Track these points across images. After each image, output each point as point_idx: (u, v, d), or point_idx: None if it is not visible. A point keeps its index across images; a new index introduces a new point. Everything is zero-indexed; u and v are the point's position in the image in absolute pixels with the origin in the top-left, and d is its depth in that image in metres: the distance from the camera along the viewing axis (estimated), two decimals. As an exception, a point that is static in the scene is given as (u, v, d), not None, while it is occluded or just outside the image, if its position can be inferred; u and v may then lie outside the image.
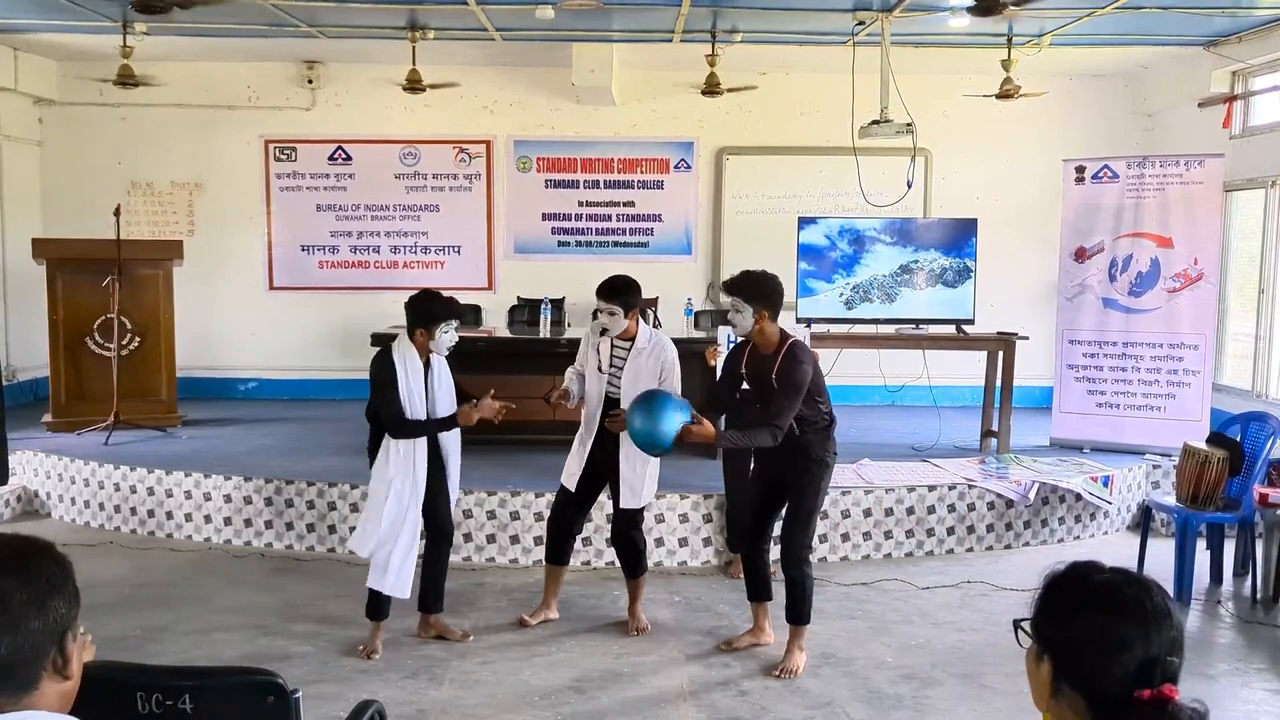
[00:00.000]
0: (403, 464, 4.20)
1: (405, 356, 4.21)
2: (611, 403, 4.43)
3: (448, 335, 4.23)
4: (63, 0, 6.55)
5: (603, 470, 4.51)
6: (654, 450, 4.07)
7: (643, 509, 4.60)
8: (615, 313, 4.36)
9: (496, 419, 4.27)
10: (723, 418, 4.57)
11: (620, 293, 4.36)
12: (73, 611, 1.40)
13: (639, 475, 4.45)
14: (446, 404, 4.30)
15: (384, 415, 4.19)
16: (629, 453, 4.38)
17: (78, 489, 6.30)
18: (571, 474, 4.55)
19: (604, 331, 4.44)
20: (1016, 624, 1.49)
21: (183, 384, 7.69)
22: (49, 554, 1.41)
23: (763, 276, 4.17)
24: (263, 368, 8.98)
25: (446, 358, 4.33)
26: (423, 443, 4.24)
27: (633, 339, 4.42)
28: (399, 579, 4.23)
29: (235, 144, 8.83)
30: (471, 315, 7.93)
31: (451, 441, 4.39)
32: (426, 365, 4.27)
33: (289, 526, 5.80)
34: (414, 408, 4.20)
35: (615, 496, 4.52)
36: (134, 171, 8.81)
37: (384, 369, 4.19)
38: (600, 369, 4.45)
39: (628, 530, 4.57)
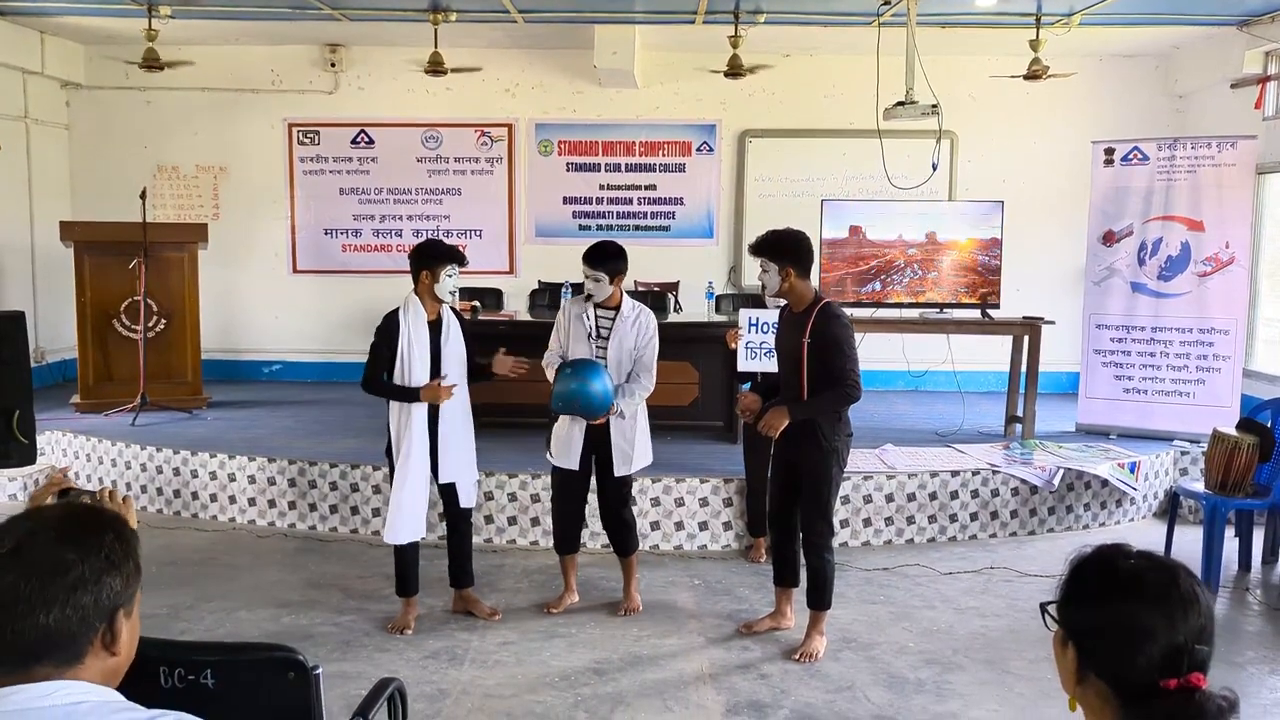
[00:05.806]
0: (398, 426, 4.23)
1: (412, 317, 4.22)
2: None
3: (452, 278, 4.25)
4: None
5: (594, 443, 4.47)
6: (580, 404, 4.25)
7: (630, 483, 4.63)
8: (600, 279, 4.37)
9: (513, 374, 4.34)
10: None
11: (606, 259, 4.38)
12: (130, 589, 1.37)
13: (630, 441, 4.45)
14: (455, 368, 4.30)
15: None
16: (619, 421, 4.42)
17: (105, 469, 6.38)
18: (571, 452, 4.46)
19: (589, 297, 4.43)
20: (1044, 608, 1.47)
21: (208, 366, 7.76)
22: (113, 527, 1.38)
23: (785, 234, 4.19)
24: (286, 350, 9.05)
25: (461, 329, 4.35)
26: (419, 412, 4.22)
27: (617, 308, 4.45)
28: (391, 525, 4.28)
29: (259, 127, 8.86)
30: (493, 299, 7.94)
31: (450, 420, 4.32)
32: (436, 326, 4.27)
33: (312, 507, 5.85)
34: (413, 369, 4.20)
35: (608, 467, 4.49)
36: (159, 155, 8.87)
37: (383, 325, 4.23)
38: (589, 338, 4.43)
39: (618, 509, 4.56)
